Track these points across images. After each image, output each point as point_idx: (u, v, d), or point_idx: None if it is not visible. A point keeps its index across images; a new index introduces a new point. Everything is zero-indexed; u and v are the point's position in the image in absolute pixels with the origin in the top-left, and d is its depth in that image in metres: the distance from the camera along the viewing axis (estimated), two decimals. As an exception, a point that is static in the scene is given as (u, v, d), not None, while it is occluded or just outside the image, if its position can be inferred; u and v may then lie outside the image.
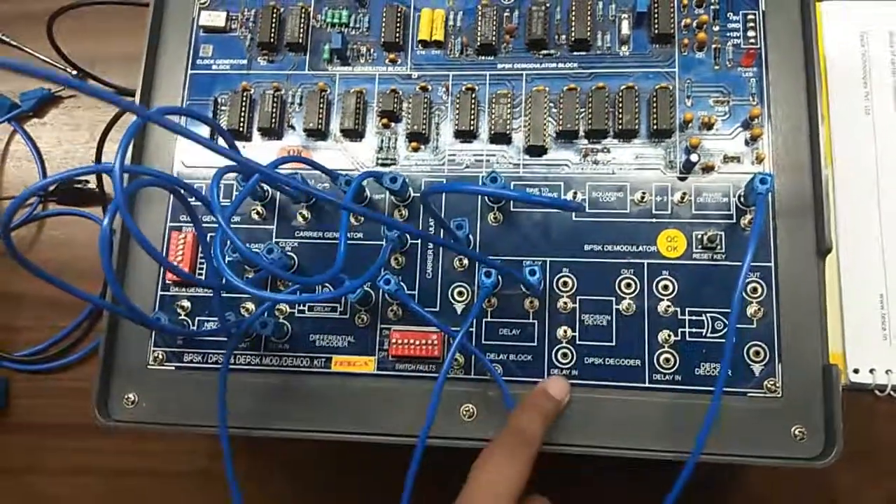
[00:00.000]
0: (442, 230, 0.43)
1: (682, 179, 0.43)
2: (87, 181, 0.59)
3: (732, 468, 0.49)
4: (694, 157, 0.41)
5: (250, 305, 0.44)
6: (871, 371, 0.49)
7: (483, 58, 0.46)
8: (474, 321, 0.42)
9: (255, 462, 0.53)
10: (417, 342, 0.42)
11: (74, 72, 0.61)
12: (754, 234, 0.37)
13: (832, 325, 0.50)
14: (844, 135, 0.53)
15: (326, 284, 0.39)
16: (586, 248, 0.43)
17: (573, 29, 0.45)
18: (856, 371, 0.49)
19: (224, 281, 0.33)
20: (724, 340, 0.40)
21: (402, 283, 0.43)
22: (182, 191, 0.37)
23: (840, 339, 0.50)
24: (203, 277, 0.43)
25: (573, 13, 0.45)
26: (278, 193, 0.45)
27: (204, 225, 0.44)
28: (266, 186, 0.44)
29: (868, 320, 0.50)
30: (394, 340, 0.42)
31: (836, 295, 0.51)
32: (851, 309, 0.50)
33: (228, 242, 0.41)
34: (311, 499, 0.53)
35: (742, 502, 0.50)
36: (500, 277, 0.42)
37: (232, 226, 0.44)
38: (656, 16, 0.44)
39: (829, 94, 0.54)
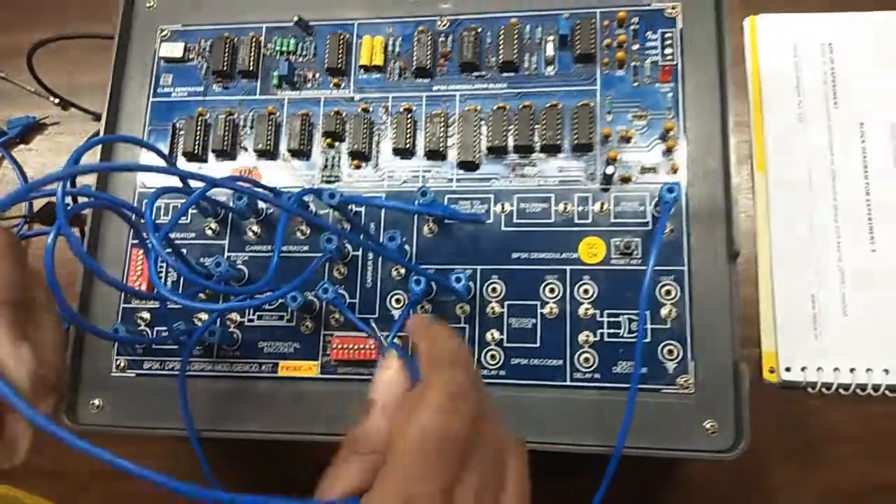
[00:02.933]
0: (371, 239, 0.46)
1: (602, 190, 0.46)
2: (68, 203, 0.62)
3: (667, 463, 0.52)
4: (610, 170, 0.44)
5: (204, 315, 0.47)
6: (803, 369, 0.51)
7: (420, 80, 0.49)
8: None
9: (219, 463, 0.56)
10: (356, 346, 0.45)
11: (56, 100, 0.65)
12: (656, 240, 0.40)
13: (766, 324, 0.53)
14: (778, 142, 0.56)
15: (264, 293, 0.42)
16: (514, 256, 0.46)
17: (501, 52, 0.48)
18: (787, 369, 0.51)
19: (155, 291, 0.36)
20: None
21: (343, 292, 0.46)
22: (126, 211, 0.40)
23: (773, 338, 0.52)
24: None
25: (502, 37, 0.48)
26: (235, 206, 0.48)
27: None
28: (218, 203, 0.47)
29: (800, 320, 0.52)
30: (335, 345, 0.45)
31: (770, 295, 0.53)
32: (784, 309, 0.53)
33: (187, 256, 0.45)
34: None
35: (677, 498, 0.52)
36: (432, 285, 0.45)
37: (187, 241, 0.48)
38: (578, 37, 0.47)
39: (762, 103, 0.57)
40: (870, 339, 0.51)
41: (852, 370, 0.51)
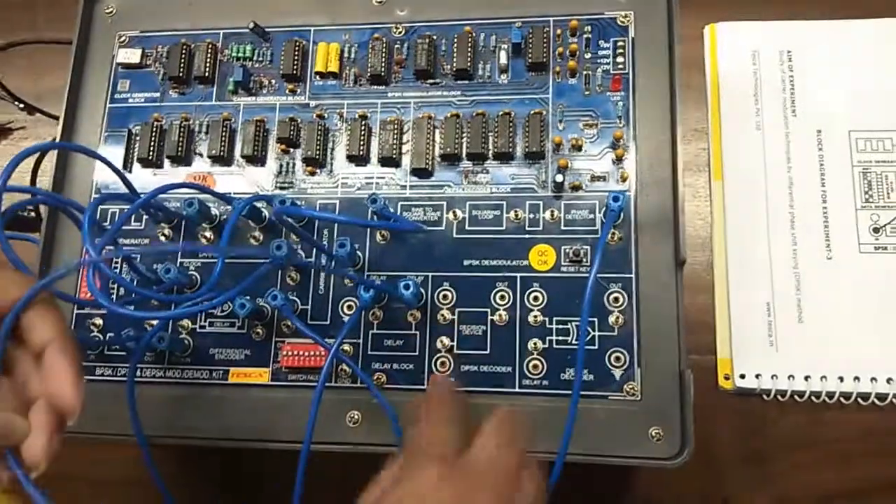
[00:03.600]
0: (317, 248, 0.46)
1: (553, 198, 0.46)
2: (30, 210, 0.62)
3: (621, 470, 0.52)
4: (559, 178, 0.44)
5: (155, 322, 0.47)
6: (758, 376, 0.52)
7: (375, 87, 0.49)
8: (360, 334, 0.45)
9: (183, 469, 0.56)
10: (306, 353, 0.45)
11: (21, 105, 0.65)
12: (599, 248, 0.40)
13: (721, 331, 0.53)
14: (735, 149, 0.56)
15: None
16: (465, 263, 0.46)
17: (456, 60, 0.48)
18: (742, 376, 0.52)
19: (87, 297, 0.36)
20: (588, 347, 0.43)
21: (295, 298, 0.46)
22: (75, 211, 0.41)
23: (728, 345, 0.52)
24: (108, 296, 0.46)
25: (456, 45, 0.48)
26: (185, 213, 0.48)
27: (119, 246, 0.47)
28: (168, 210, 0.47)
29: (755, 327, 0.52)
30: (285, 352, 0.45)
31: (725, 302, 0.53)
32: (739, 316, 0.53)
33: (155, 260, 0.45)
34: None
35: None
36: (383, 293, 0.45)
37: (141, 246, 0.48)
38: (531, 46, 0.47)
39: (720, 110, 0.57)
40: (825, 346, 0.51)
41: (807, 378, 0.51)
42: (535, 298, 0.44)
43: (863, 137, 0.55)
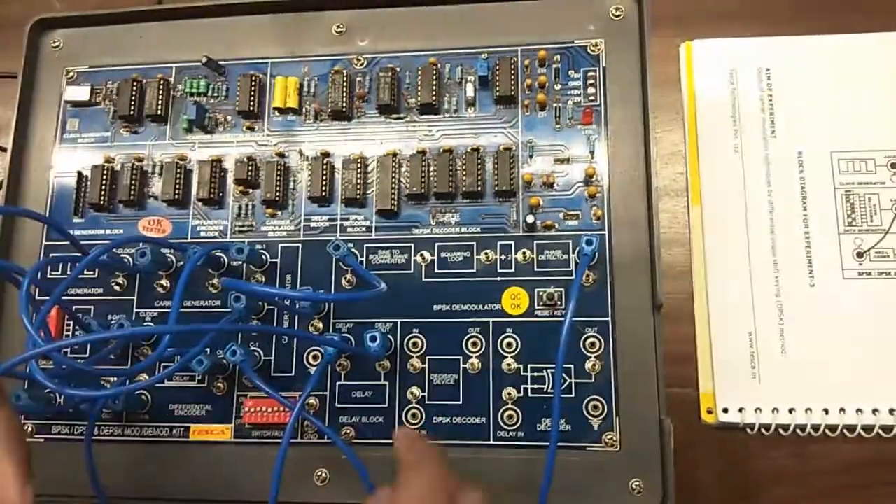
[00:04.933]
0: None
1: (525, 238, 0.44)
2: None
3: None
4: (530, 219, 0.42)
5: (112, 377, 0.45)
6: (741, 410, 0.50)
7: (337, 123, 0.47)
8: (328, 386, 0.43)
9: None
10: (270, 409, 0.43)
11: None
12: (574, 294, 0.38)
13: (703, 363, 0.51)
14: (713, 173, 0.54)
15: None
16: (435, 308, 0.44)
17: (420, 93, 0.46)
18: (725, 410, 0.50)
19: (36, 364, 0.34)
20: (565, 395, 0.41)
21: (257, 349, 0.44)
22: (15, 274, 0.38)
23: (710, 378, 0.51)
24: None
25: (420, 77, 0.46)
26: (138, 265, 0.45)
27: (68, 298, 0.45)
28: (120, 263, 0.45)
29: (738, 359, 0.51)
30: (247, 409, 0.43)
31: (707, 333, 0.51)
32: (721, 348, 0.51)
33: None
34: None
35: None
36: (349, 341, 0.43)
37: (94, 297, 0.46)
38: (498, 78, 0.45)
39: (698, 133, 0.55)
40: (809, 377, 0.50)
41: (791, 411, 0.49)
42: (509, 344, 0.43)
43: (845, 158, 0.53)
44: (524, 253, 0.43)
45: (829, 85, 0.55)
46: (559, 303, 0.42)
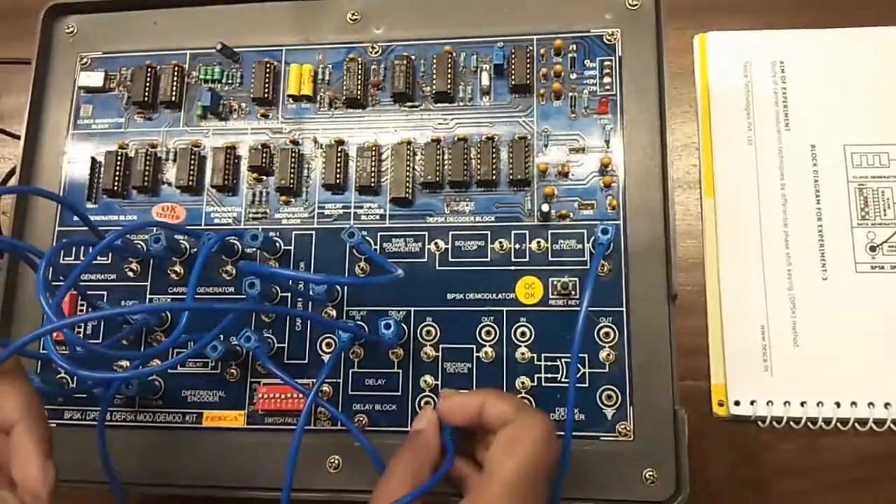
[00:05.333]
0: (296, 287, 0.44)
1: (540, 227, 0.44)
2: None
3: None
4: (545, 208, 0.42)
5: (125, 362, 0.45)
6: (753, 403, 0.50)
7: (351, 111, 0.47)
8: (341, 373, 0.43)
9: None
10: (283, 396, 0.43)
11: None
12: (589, 284, 0.38)
13: (715, 355, 0.51)
14: (727, 165, 0.54)
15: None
16: (449, 296, 0.44)
17: (435, 81, 0.46)
18: (737, 403, 0.50)
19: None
20: (579, 385, 0.41)
21: (270, 336, 0.44)
22: (32, 255, 0.38)
23: (722, 370, 0.51)
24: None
25: (435, 66, 0.46)
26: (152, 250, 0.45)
27: (82, 283, 0.45)
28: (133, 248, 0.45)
29: (750, 352, 0.51)
30: (260, 395, 0.43)
31: (719, 325, 0.51)
32: (733, 340, 0.51)
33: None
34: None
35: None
36: (364, 328, 0.43)
37: (107, 283, 0.46)
38: (513, 67, 0.45)
39: (712, 125, 0.55)
40: (821, 370, 0.50)
41: (803, 404, 0.49)
42: (523, 334, 0.42)
43: (858, 152, 0.53)
44: (538, 242, 0.43)
45: (843, 78, 0.55)
46: (573, 292, 0.42)
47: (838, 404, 0.49)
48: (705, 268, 0.52)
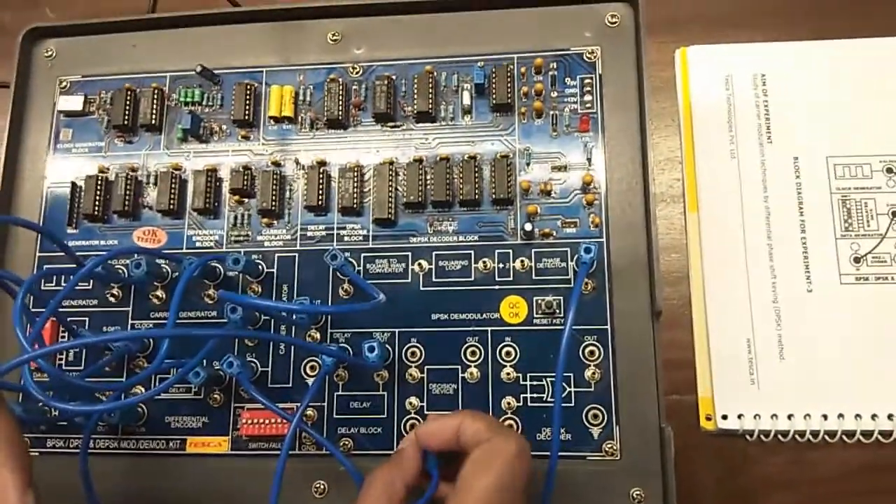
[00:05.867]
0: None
1: (523, 246, 0.44)
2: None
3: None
4: (528, 227, 0.42)
5: (108, 392, 0.44)
6: (740, 416, 0.50)
7: (333, 131, 0.47)
8: (325, 396, 0.43)
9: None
10: (268, 421, 0.42)
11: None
12: (573, 302, 0.38)
13: (701, 369, 0.51)
14: (710, 178, 0.54)
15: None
16: (433, 317, 0.43)
17: (417, 101, 0.45)
18: (724, 417, 0.50)
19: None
20: (565, 405, 0.41)
21: (254, 360, 0.43)
22: (11, 284, 0.38)
23: (709, 384, 0.51)
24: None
25: (416, 85, 0.46)
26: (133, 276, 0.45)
27: (62, 310, 0.45)
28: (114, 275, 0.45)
29: (736, 365, 0.51)
30: (244, 420, 0.43)
31: (705, 339, 0.51)
32: (719, 354, 0.51)
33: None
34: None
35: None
36: (347, 350, 0.43)
37: (88, 309, 0.45)
38: (494, 86, 0.45)
39: (694, 138, 0.55)
40: (807, 383, 0.50)
41: (790, 416, 0.49)
42: (508, 353, 0.42)
43: (841, 164, 0.53)
44: (522, 261, 0.43)
45: (825, 90, 0.55)
46: (558, 311, 0.42)
47: (825, 417, 0.49)
48: (690, 281, 0.52)
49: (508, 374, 0.42)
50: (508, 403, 0.42)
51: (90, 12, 0.57)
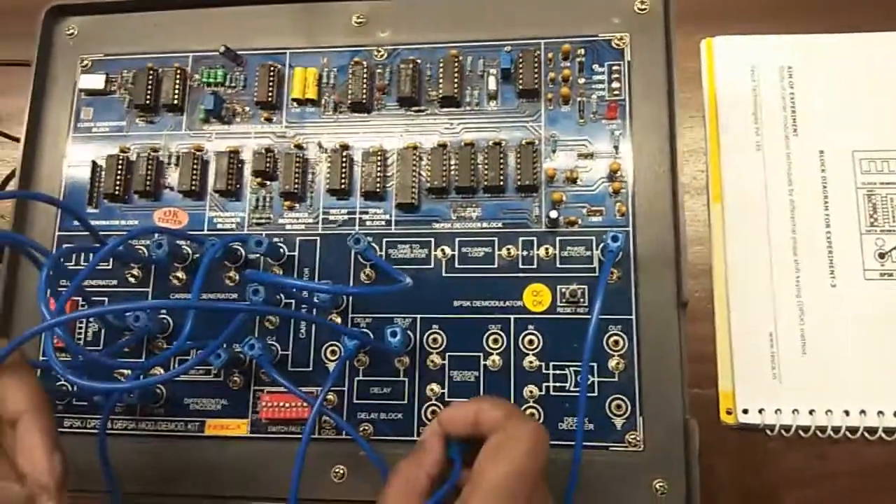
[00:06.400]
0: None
1: (547, 234, 0.43)
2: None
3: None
4: (553, 214, 0.42)
5: (127, 372, 0.44)
6: (761, 411, 0.49)
7: (356, 115, 0.46)
8: (346, 381, 0.43)
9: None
10: (288, 405, 0.42)
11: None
12: (600, 292, 0.37)
13: (723, 363, 0.51)
14: (735, 171, 0.53)
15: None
16: (455, 304, 0.43)
17: (441, 85, 0.45)
18: (745, 411, 0.49)
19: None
20: (588, 394, 0.41)
21: (274, 343, 0.43)
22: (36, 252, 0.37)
23: (730, 378, 0.50)
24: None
25: (441, 70, 0.45)
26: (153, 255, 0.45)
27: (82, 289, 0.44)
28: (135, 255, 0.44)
29: (758, 359, 0.50)
30: (264, 403, 0.42)
31: (727, 332, 0.51)
32: (741, 348, 0.50)
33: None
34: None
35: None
36: (368, 335, 0.42)
37: (108, 290, 0.45)
38: (521, 71, 0.44)
39: (719, 130, 0.54)
40: (830, 378, 0.49)
41: (812, 412, 0.49)
42: (530, 342, 0.42)
43: (867, 158, 0.53)
44: (546, 249, 0.43)
45: (851, 83, 0.54)
46: (582, 300, 0.42)
47: (847, 412, 0.49)
48: (713, 274, 0.52)
49: (531, 362, 0.42)
50: (531, 392, 0.41)
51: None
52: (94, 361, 0.37)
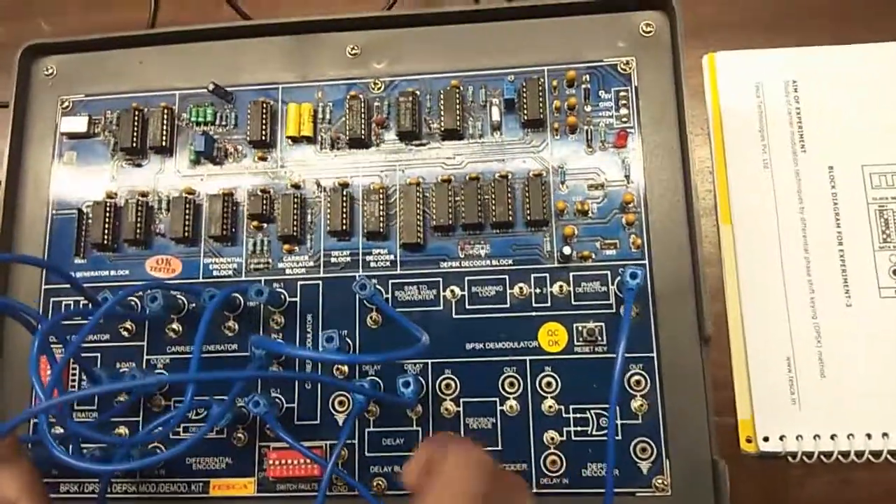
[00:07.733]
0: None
1: (560, 270, 0.41)
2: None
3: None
4: (567, 250, 0.40)
5: (123, 430, 0.42)
6: (782, 438, 0.48)
7: (354, 150, 0.44)
8: (356, 433, 0.41)
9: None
10: (296, 462, 0.40)
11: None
12: (624, 331, 0.36)
13: (740, 390, 0.49)
14: (743, 190, 0.52)
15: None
16: (468, 346, 0.41)
17: (443, 118, 0.43)
18: (766, 439, 0.48)
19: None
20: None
21: (279, 395, 0.41)
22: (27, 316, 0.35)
23: (749, 405, 0.49)
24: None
25: (442, 101, 0.43)
26: (147, 309, 0.42)
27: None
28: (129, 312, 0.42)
29: (776, 384, 0.49)
30: (271, 461, 0.40)
31: (743, 358, 0.49)
32: (759, 374, 0.49)
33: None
34: None
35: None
36: (378, 385, 0.41)
37: (101, 345, 0.43)
38: (525, 100, 0.43)
39: (725, 148, 0.53)
40: (850, 401, 0.48)
41: (833, 437, 0.48)
42: (548, 384, 0.40)
43: (877, 172, 0.51)
44: (560, 286, 0.41)
45: (859, 96, 0.53)
46: (600, 338, 0.40)
47: (869, 436, 0.48)
48: (726, 297, 0.50)
49: (550, 406, 0.40)
50: (552, 438, 0.39)
51: (84, 22, 0.55)
52: (89, 438, 0.35)
